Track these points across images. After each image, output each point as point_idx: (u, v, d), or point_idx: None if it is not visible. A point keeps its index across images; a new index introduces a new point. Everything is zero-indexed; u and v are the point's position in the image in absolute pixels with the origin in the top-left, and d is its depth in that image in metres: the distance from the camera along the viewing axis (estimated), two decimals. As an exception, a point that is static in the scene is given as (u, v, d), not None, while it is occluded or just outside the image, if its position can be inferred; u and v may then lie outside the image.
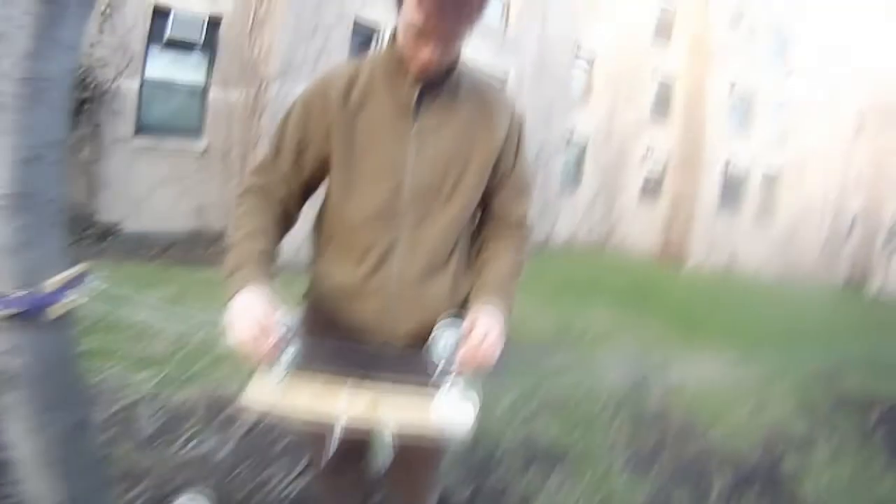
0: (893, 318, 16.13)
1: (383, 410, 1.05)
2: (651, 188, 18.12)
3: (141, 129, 7.25)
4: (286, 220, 1.24)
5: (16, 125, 1.08)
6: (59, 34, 1.11)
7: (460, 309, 1.21)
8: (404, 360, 1.14)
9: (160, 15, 7.08)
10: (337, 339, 1.18)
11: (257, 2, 7.66)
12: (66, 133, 1.19)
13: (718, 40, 17.45)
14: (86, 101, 6.61)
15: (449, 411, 1.06)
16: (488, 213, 1.30)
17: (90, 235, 6.56)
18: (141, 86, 7.16)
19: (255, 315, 0.99)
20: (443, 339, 1.08)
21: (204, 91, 7.70)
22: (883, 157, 23.94)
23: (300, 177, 1.22)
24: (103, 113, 6.87)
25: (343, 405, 1.04)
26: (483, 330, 1.07)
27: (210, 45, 7.56)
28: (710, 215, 17.99)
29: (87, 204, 6.84)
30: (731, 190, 18.69)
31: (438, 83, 1.16)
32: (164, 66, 7.34)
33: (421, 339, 1.16)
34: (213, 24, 7.53)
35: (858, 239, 24.60)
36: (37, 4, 1.06)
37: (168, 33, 7.10)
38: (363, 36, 8.51)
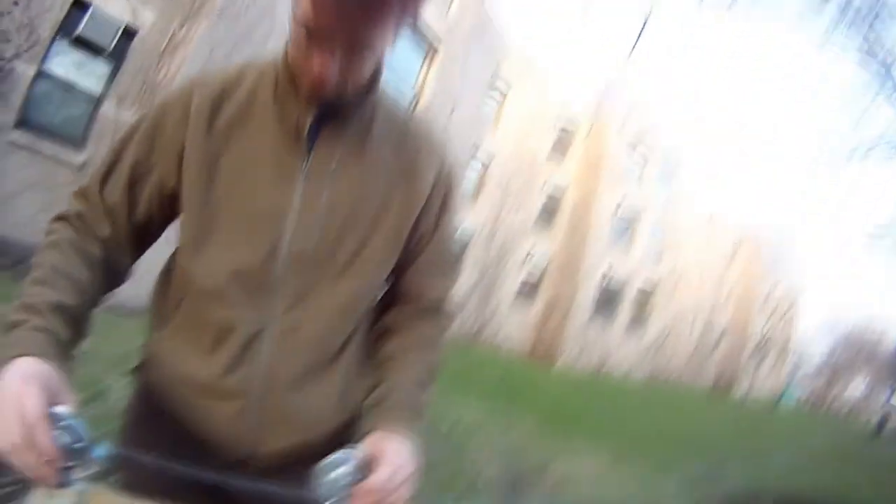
0: (760, 420, 17.59)
1: None
2: (527, 290, 18.87)
3: (23, 122, 6.40)
4: (109, 270, 0.85)
5: None
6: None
7: (353, 422, 0.90)
8: (270, 490, 0.76)
9: (78, 8, 6.45)
10: (173, 448, 0.78)
11: (177, 26, 7.21)
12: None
13: (612, 163, 19.22)
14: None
15: None
16: (397, 291, 0.97)
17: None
18: (36, 76, 6.40)
19: (20, 410, 0.60)
20: (331, 474, 0.72)
21: (98, 102, 6.99)
22: (750, 279, 27.39)
23: (131, 215, 0.87)
24: (-12, 92, 5.99)
25: None
26: (390, 468, 0.74)
27: (119, 55, 6.97)
28: (583, 320, 18.97)
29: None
30: (607, 299, 20.00)
31: (344, 110, 0.84)
32: (66, 65, 6.63)
33: (294, 462, 0.83)
34: (129, 34, 6.95)
35: (725, 349, 27.37)
36: None
37: (80, 29, 6.47)
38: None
